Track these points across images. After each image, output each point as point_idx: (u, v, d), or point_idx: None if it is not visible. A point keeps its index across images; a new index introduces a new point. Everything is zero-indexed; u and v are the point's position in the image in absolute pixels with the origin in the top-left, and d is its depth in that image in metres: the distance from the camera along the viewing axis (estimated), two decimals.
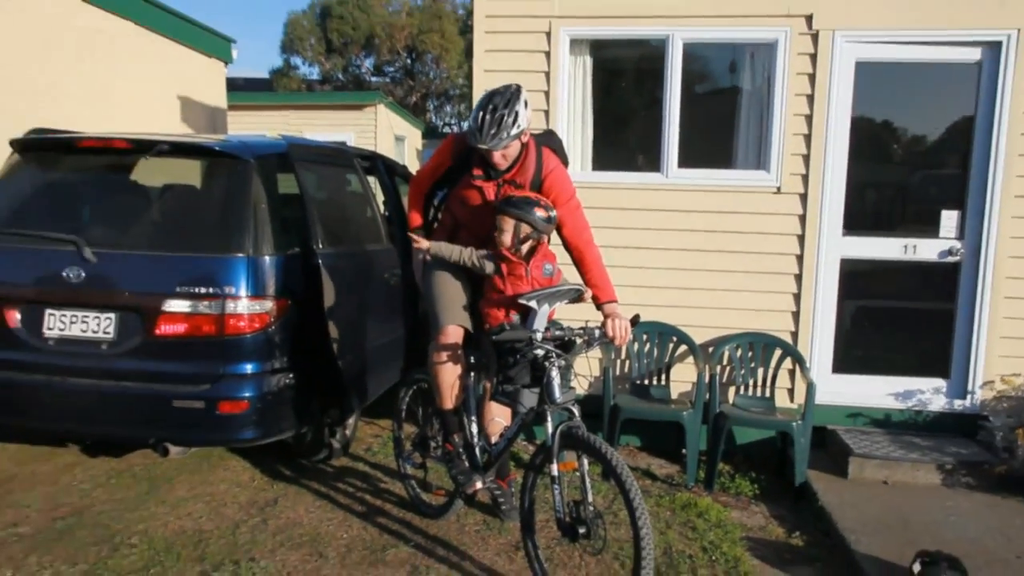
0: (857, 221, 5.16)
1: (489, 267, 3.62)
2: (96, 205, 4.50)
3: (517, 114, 3.38)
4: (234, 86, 9.37)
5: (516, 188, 3.62)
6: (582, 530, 3.25)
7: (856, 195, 5.14)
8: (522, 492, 3.49)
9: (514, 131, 3.38)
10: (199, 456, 4.94)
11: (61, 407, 4.19)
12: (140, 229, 4.36)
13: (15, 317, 4.16)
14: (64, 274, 4.07)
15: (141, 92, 7.15)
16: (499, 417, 3.81)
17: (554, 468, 3.27)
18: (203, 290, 4.01)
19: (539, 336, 3.27)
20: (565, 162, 3.89)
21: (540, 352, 3.26)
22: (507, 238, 3.50)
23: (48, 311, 4.14)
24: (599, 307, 3.59)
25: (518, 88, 3.48)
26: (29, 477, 4.60)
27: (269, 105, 16.70)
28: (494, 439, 3.76)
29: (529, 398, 3.47)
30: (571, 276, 3.78)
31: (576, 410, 3.35)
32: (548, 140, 3.88)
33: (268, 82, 30.01)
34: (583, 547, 3.43)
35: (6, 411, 4.29)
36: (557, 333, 3.34)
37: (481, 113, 3.39)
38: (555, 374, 3.26)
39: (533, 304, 3.35)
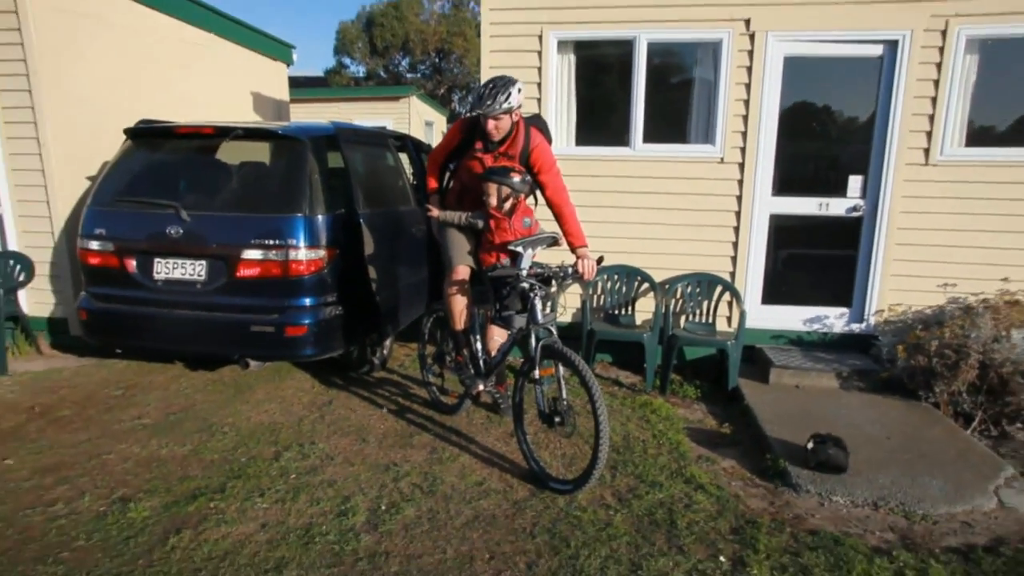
0: (783, 185, 5.13)
1: (480, 223, 3.78)
2: (190, 178, 4.58)
3: (509, 95, 3.53)
4: (296, 83, 9.33)
5: (508, 159, 3.72)
6: (558, 419, 3.45)
7: (783, 164, 5.10)
8: (513, 392, 3.68)
9: (504, 106, 3.53)
10: (272, 369, 5.08)
11: (168, 332, 4.35)
12: (223, 196, 4.43)
13: (132, 264, 4.31)
14: (167, 231, 4.21)
15: (221, 89, 7.16)
16: (497, 336, 3.93)
17: (537, 373, 3.45)
18: (271, 242, 4.13)
19: (524, 273, 3.44)
20: (549, 140, 3.98)
21: (526, 285, 3.42)
22: (492, 200, 3.64)
23: (156, 259, 4.28)
24: (573, 251, 3.72)
25: (515, 80, 3.60)
26: (147, 385, 4.78)
27: (324, 98, 16.46)
28: (493, 353, 3.90)
29: (519, 321, 3.62)
30: (552, 228, 3.84)
31: (555, 329, 3.52)
32: (536, 122, 3.97)
33: (324, 79, 29.60)
34: (559, 432, 3.58)
35: (129, 335, 4.48)
36: (538, 270, 3.49)
37: (483, 88, 3.59)
38: (537, 302, 3.43)
39: (520, 249, 3.49)
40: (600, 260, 3.62)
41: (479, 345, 3.99)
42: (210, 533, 2.96)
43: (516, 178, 3.60)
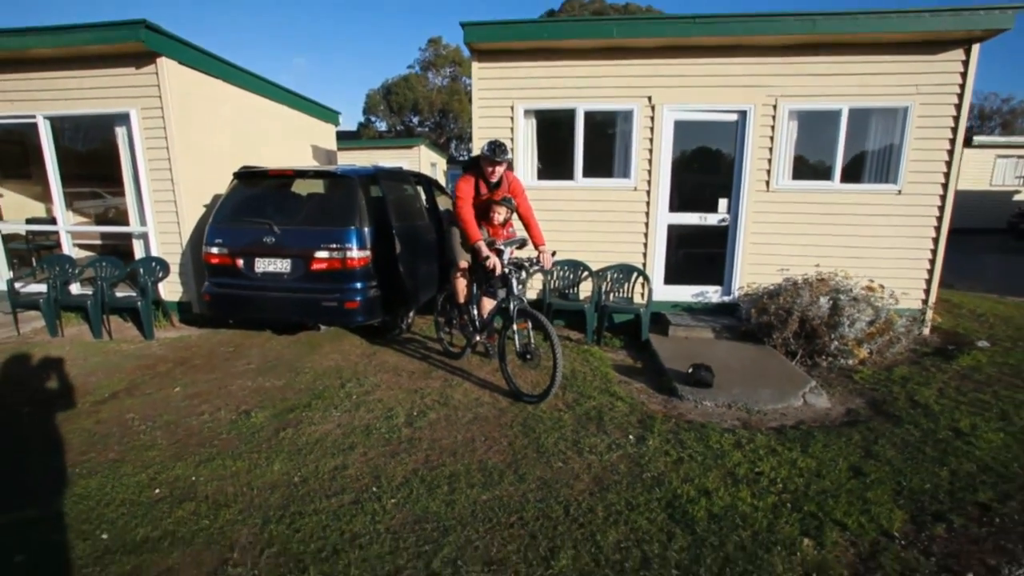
0: (676, 205, 5.50)
1: (485, 235, 4.15)
2: (277, 204, 4.84)
3: (508, 150, 4.05)
4: (339, 136, 9.64)
5: (496, 194, 4.15)
6: (528, 357, 3.87)
7: (676, 191, 5.47)
8: (499, 341, 4.04)
9: (507, 156, 3.99)
10: (333, 332, 5.39)
11: (265, 307, 4.64)
12: (301, 215, 4.71)
13: (240, 263, 4.63)
14: (264, 240, 4.54)
15: (292, 143, 7.40)
16: (487, 305, 4.33)
17: (515, 327, 3.84)
18: (334, 245, 4.46)
19: (505, 261, 3.85)
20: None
21: (507, 270, 3.86)
22: (501, 217, 4.14)
23: (257, 259, 4.60)
24: (536, 248, 4.08)
25: (504, 142, 4.04)
26: (249, 344, 5.11)
27: (359, 147, 16.56)
28: (485, 315, 4.33)
29: (502, 294, 4.03)
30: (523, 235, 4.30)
31: (525, 299, 3.96)
32: (509, 166, 4.43)
33: (357, 133, 29.75)
34: (529, 365, 4.01)
35: (238, 310, 4.76)
36: (514, 260, 3.90)
37: (493, 146, 3.95)
38: (515, 281, 3.85)
39: (502, 247, 3.92)
40: (554, 253, 4.04)
41: (475, 311, 4.38)
42: (305, 429, 3.40)
43: (513, 202, 4.13)
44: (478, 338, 4.41)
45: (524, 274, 3.97)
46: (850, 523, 2.49)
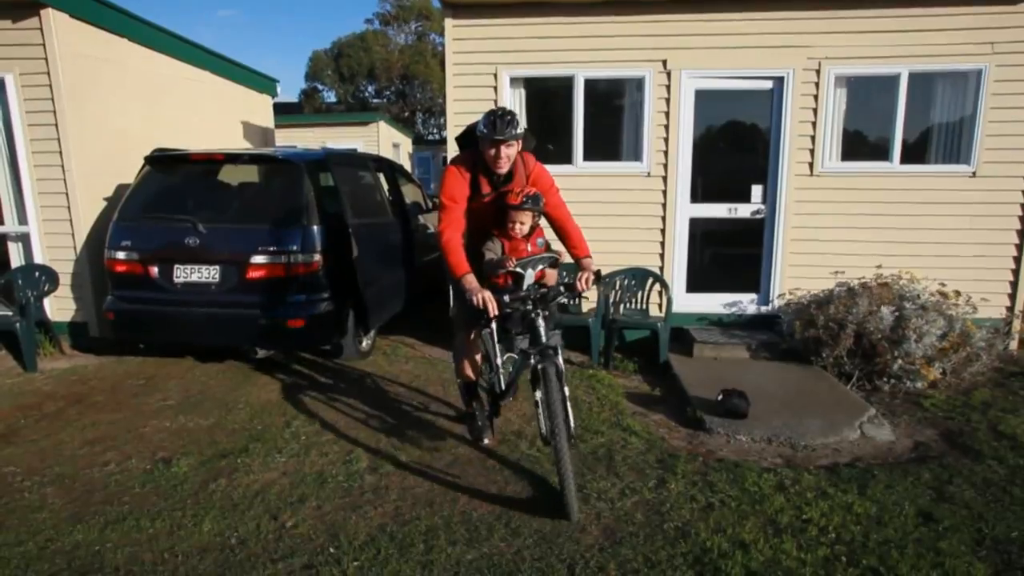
0: (700, 193, 5.65)
1: (497, 250, 3.45)
2: (201, 196, 4.91)
3: (519, 122, 3.22)
4: (277, 110, 9.72)
5: (512, 194, 3.33)
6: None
7: (698, 176, 5.61)
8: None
9: (519, 131, 3.20)
10: (275, 357, 5.42)
11: (187, 327, 4.72)
12: (233, 210, 4.80)
13: (154, 271, 4.69)
14: (186, 241, 4.61)
15: (216, 119, 7.47)
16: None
17: (538, 394, 3.21)
18: (275, 248, 4.56)
19: (527, 291, 3.21)
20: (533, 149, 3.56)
21: (528, 307, 3.20)
22: (526, 227, 3.38)
23: (176, 265, 4.67)
24: (577, 261, 3.51)
25: (513, 112, 3.27)
26: (166, 375, 5.13)
27: (302, 124, 16.67)
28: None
29: (521, 343, 3.30)
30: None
31: (560, 345, 3.26)
32: (525, 144, 3.42)
33: (300, 105, 29.79)
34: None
35: (152, 331, 4.84)
36: (526, 293, 3.21)
37: (494, 119, 3.17)
38: (541, 323, 3.19)
39: (519, 270, 3.29)
40: (598, 275, 3.34)
41: (499, 361, 3.64)
42: (241, 479, 3.44)
43: (542, 202, 3.34)
44: (488, 440, 3.93)
45: (556, 310, 3.42)
46: None
